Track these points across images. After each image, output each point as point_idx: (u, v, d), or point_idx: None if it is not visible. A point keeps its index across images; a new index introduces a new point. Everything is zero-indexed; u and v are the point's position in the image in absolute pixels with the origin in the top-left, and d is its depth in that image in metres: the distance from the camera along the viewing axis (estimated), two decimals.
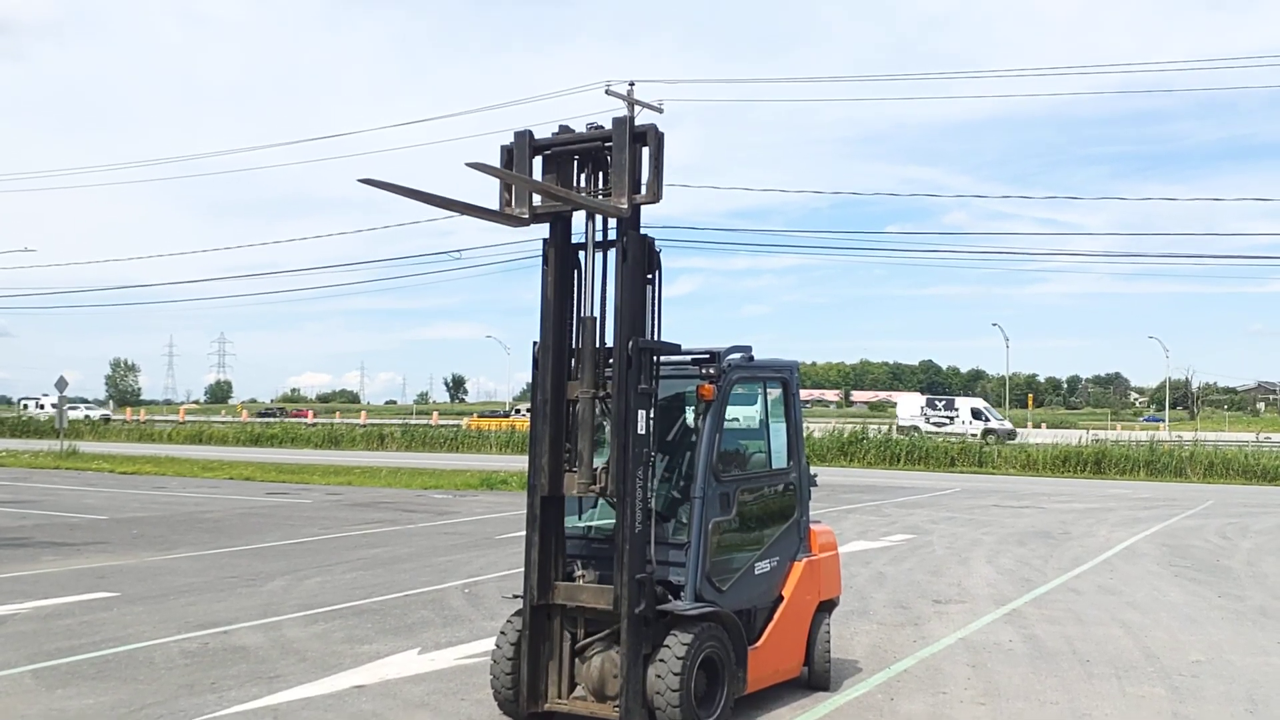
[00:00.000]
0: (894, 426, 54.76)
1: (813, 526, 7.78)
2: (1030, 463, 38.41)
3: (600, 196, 6.24)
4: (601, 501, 6.85)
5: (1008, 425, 59.34)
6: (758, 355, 7.22)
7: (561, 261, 6.37)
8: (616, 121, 6.18)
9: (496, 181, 6.36)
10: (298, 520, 19.18)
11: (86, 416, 69.87)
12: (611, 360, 6.17)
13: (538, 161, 6.39)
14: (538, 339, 6.39)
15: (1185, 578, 13.60)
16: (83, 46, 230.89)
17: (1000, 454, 39.92)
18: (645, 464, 6.08)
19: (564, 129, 6.39)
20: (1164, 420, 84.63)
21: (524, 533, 6.41)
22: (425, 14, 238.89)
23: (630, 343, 6.02)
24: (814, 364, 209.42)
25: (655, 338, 6.28)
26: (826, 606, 7.87)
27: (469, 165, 5.37)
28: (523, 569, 6.41)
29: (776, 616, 7.17)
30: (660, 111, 28.84)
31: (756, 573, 7.04)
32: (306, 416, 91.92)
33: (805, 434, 9.63)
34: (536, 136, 6.37)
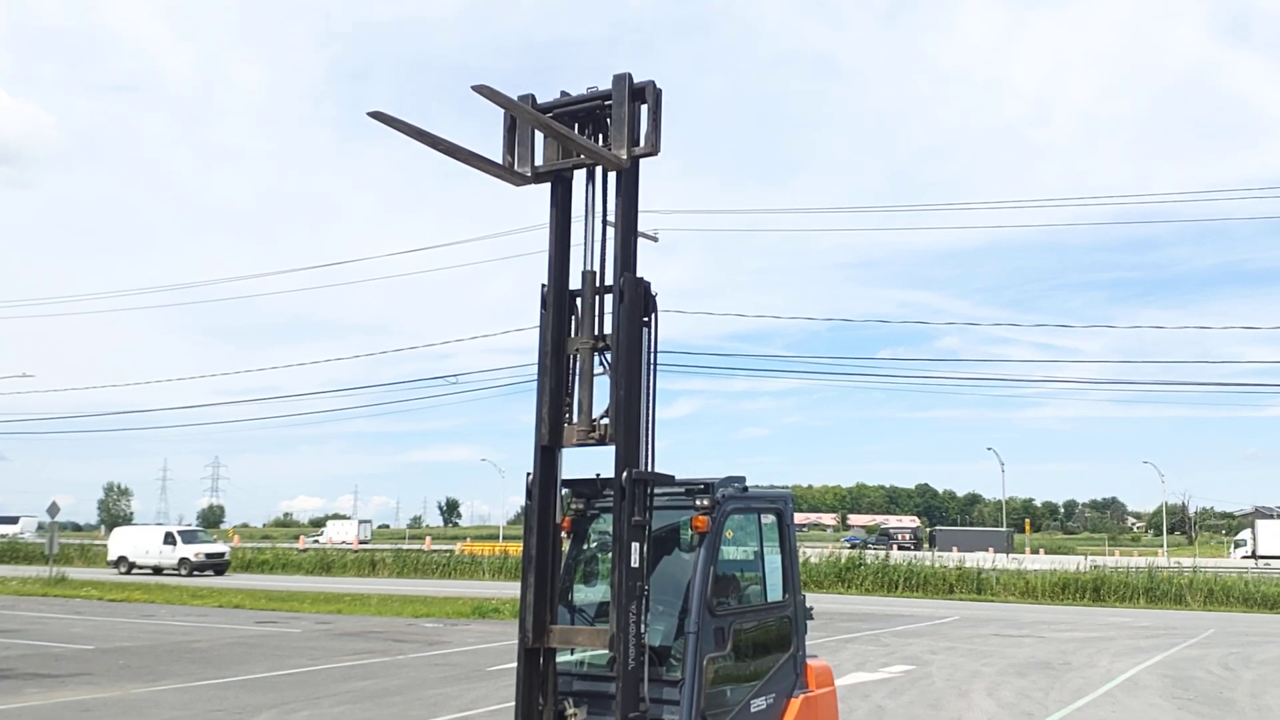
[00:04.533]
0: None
1: (809, 661, 7.69)
2: (1029, 589, 38.01)
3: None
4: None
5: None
6: (757, 478, 7.22)
7: (560, 224, 6.45)
8: (616, 78, 6.26)
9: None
10: (286, 650, 18.86)
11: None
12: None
13: None
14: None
15: (1189, 711, 13.38)
16: (90, 175, 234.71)
17: (999, 581, 39.53)
18: (639, 598, 6.00)
19: (564, 94, 6.49)
20: (1163, 545, 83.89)
21: (515, 665, 6.31)
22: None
23: (625, 474, 6.01)
24: (810, 487, 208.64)
25: (651, 385, 6.24)
26: None
27: (474, 89, 5.22)
28: (514, 699, 6.29)
29: None
30: (655, 240, 29.33)
31: (752, 710, 6.92)
32: None
33: (801, 560, 9.57)
34: (539, 101, 6.43)
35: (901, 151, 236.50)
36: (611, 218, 6.40)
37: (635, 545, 5.98)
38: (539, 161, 6.48)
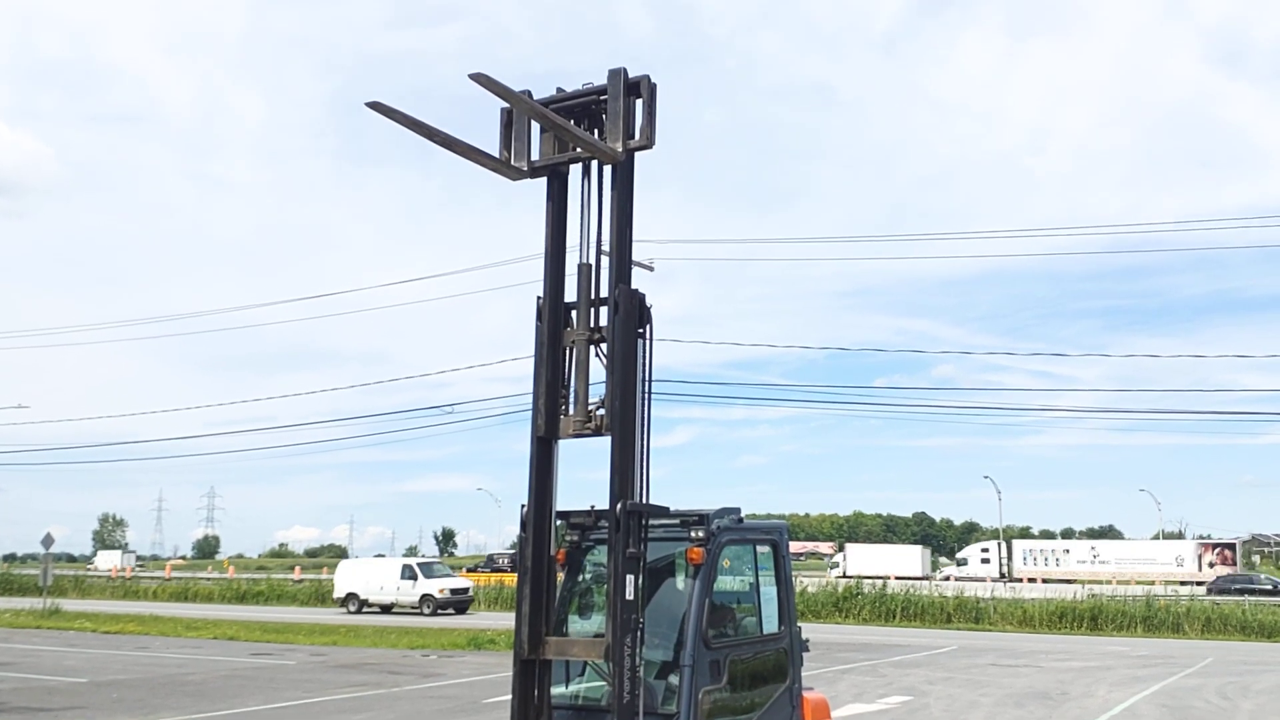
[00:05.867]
0: None
1: (805, 693, 7.67)
2: (1026, 618, 37.89)
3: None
4: (589, 669, 6.74)
5: None
6: (755, 507, 7.24)
7: (556, 219, 6.49)
8: (611, 73, 6.31)
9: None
10: (281, 683, 18.76)
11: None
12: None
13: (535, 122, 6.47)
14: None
15: None
16: (88, 206, 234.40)
17: (996, 610, 39.41)
18: (633, 630, 5.97)
19: (560, 90, 6.54)
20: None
21: (510, 699, 6.29)
22: (432, 173, 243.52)
23: (619, 506, 6.00)
24: (807, 515, 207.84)
25: (646, 395, 6.26)
26: None
27: (472, 77, 5.22)
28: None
29: None
30: (651, 270, 29.26)
31: None
32: None
33: (799, 590, 9.54)
34: (535, 97, 6.41)
35: (898, 181, 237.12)
36: (608, 215, 6.42)
37: (630, 577, 5.96)
38: (535, 156, 6.52)
